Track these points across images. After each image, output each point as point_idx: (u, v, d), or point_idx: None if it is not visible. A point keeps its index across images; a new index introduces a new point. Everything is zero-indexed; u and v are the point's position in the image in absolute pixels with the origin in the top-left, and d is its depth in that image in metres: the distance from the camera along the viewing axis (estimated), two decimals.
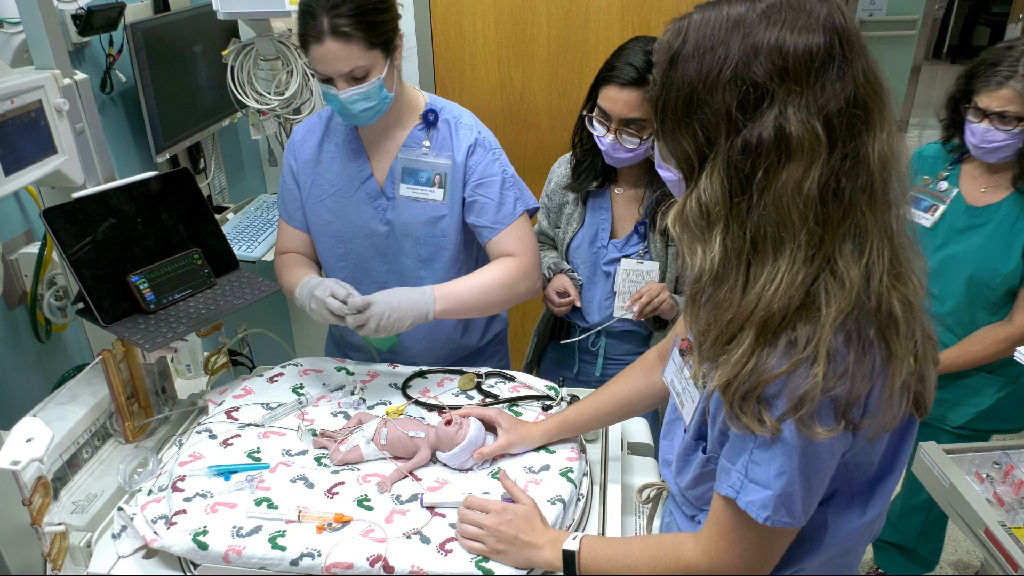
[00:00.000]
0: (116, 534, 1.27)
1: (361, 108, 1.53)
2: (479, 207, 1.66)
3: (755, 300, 0.83)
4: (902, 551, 2.34)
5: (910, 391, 0.89)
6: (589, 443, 1.47)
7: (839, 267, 0.82)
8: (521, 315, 2.98)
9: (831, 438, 0.85)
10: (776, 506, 0.89)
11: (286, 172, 1.75)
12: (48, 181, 1.45)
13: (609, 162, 1.75)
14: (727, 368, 0.86)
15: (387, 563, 1.15)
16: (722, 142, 0.83)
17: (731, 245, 0.84)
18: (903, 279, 0.86)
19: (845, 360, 0.82)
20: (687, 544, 1.02)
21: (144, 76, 2.03)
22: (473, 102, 2.67)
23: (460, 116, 1.70)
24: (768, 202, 0.81)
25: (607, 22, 2.54)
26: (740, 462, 0.92)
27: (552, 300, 1.85)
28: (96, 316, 1.39)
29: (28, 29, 1.42)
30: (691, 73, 0.84)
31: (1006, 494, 1.64)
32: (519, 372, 1.66)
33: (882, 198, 0.83)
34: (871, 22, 6.79)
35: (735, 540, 0.96)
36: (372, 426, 1.41)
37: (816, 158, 0.80)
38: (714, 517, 0.99)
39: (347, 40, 1.44)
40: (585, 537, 1.13)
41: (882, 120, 0.83)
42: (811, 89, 0.80)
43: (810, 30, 0.80)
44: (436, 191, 1.67)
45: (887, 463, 0.98)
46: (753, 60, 0.80)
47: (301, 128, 1.74)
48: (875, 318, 0.84)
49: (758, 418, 0.85)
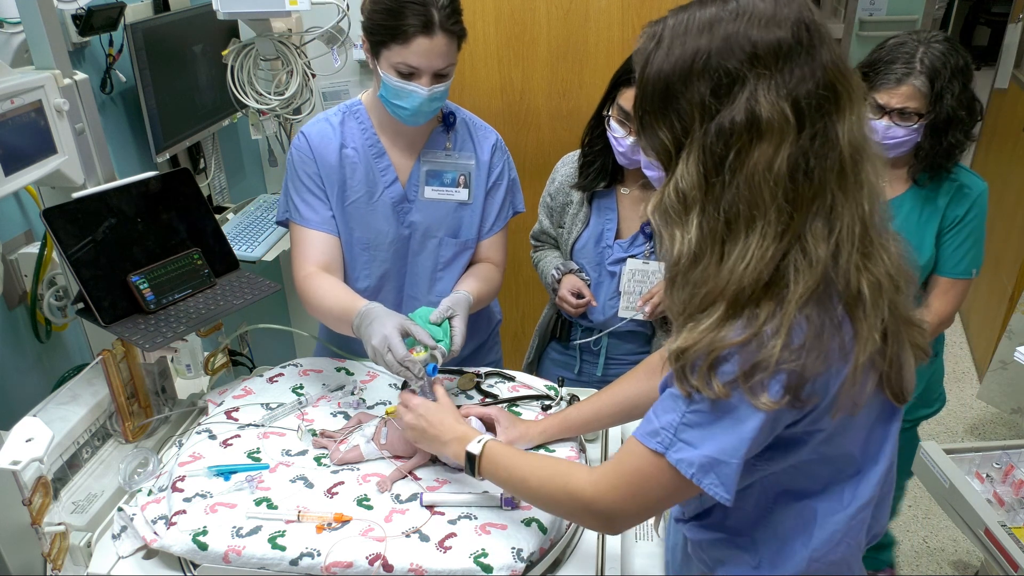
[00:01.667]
0: (116, 534, 1.27)
1: (435, 107, 1.55)
2: (486, 209, 1.70)
3: (728, 275, 0.86)
4: None
5: (880, 374, 0.92)
6: (589, 443, 1.47)
7: (808, 244, 0.85)
8: (521, 315, 2.98)
9: (776, 413, 0.88)
10: (707, 468, 0.91)
11: (304, 178, 1.65)
12: (48, 181, 1.45)
13: (623, 163, 1.76)
14: (690, 334, 0.89)
15: (386, 561, 1.15)
16: (697, 129, 0.87)
17: (707, 226, 0.88)
18: (873, 258, 0.89)
19: (803, 336, 0.85)
20: (580, 473, 1.05)
21: (144, 76, 2.03)
22: (473, 102, 2.67)
23: (473, 117, 1.73)
24: (740, 182, 0.85)
25: (607, 22, 2.54)
26: (668, 419, 0.93)
27: (568, 302, 1.84)
28: (96, 316, 1.39)
29: (28, 29, 1.42)
30: (666, 69, 0.88)
31: (1006, 494, 1.64)
32: (519, 372, 1.66)
33: (853, 178, 0.87)
34: (871, 22, 6.80)
35: (632, 483, 0.98)
36: (372, 426, 1.41)
37: (785, 138, 0.84)
38: (619, 458, 1.01)
39: (451, 37, 1.49)
40: (490, 442, 1.19)
41: (850, 103, 0.87)
42: (780, 73, 0.84)
43: (778, 25, 0.84)
44: (461, 191, 1.69)
45: (872, 453, 1.00)
46: (725, 51, 0.85)
47: (314, 134, 1.65)
48: (842, 295, 0.87)
49: (707, 381, 0.88)
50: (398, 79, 1.50)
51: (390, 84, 1.52)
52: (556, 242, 1.98)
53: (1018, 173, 3.47)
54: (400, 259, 1.73)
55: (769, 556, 1.03)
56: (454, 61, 1.52)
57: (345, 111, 1.68)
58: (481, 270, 1.75)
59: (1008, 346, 2.99)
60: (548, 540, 1.22)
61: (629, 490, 0.99)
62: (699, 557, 1.13)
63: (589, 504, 1.02)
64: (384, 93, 1.55)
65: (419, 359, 1.36)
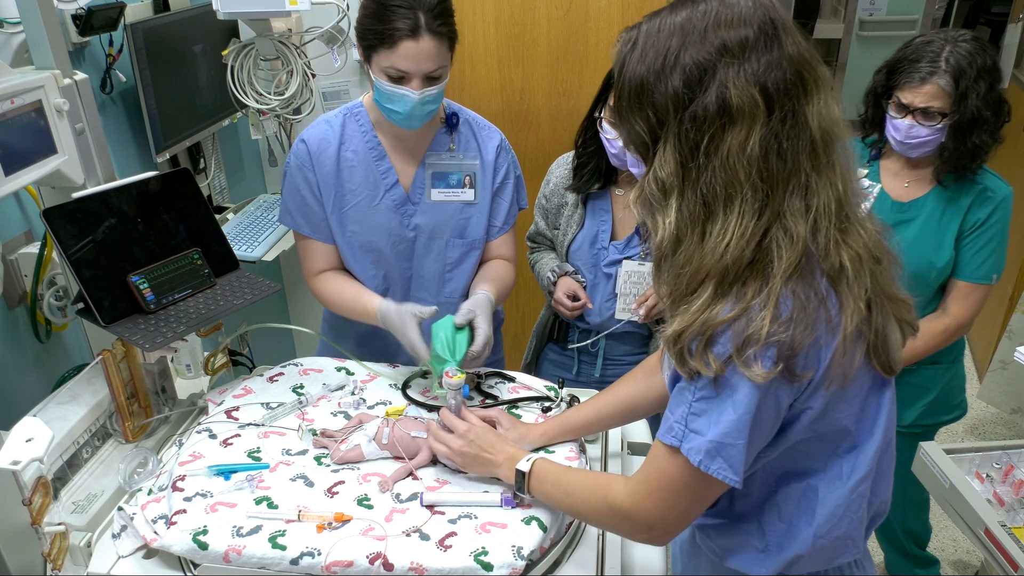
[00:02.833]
0: (116, 534, 1.27)
1: (429, 110, 1.53)
2: (494, 208, 1.70)
3: (711, 253, 0.90)
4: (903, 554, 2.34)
5: (867, 345, 0.96)
6: (589, 443, 1.47)
7: (788, 222, 0.90)
8: (521, 315, 2.98)
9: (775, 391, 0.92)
10: (713, 452, 0.94)
11: (301, 187, 1.66)
12: (48, 181, 1.45)
13: (616, 164, 1.76)
14: (684, 317, 0.93)
15: (386, 560, 1.15)
16: (671, 119, 0.91)
17: (686, 209, 0.92)
18: (850, 234, 0.94)
19: (790, 309, 0.89)
20: (617, 484, 1.08)
21: (144, 76, 2.03)
22: (473, 102, 2.66)
23: (476, 116, 1.73)
24: (716, 164, 0.89)
25: (607, 22, 2.54)
26: (680, 412, 0.97)
27: (564, 305, 1.84)
28: (96, 316, 1.39)
29: (28, 29, 1.42)
30: (641, 69, 0.93)
31: (1006, 494, 1.64)
32: (519, 372, 1.66)
33: (824, 157, 0.91)
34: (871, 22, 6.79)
35: (662, 487, 1.01)
36: (374, 425, 1.41)
37: (756, 121, 0.88)
38: (646, 465, 1.04)
39: (440, 39, 1.48)
40: (538, 460, 1.22)
41: (817, 87, 0.92)
42: (747, 61, 0.89)
43: (745, 24, 0.90)
44: (467, 192, 1.69)
45: (867, 425, 1.02)
46: (695, 47, 0.90)
47: (313, 138, 1.65)
48: (825, 269, 0.92)
49: (704, 360, 0.91)
50: (389, 83, 1.50)
51: (382, 88, 1.52)
52: (552, 244, 1.98)
53: (1018, 173, 3.46)
54: (405, 261, 1.73)
55: (776, 538, 1.05)
56: (445, 63, 1.51)
57: (346, 113, 1.68)
58: (495, 269, 1.75)
59: (1008, 346, 2.99)
60: (548, 539, 1.22)
61: (661, 495, 1.01)
62: (707, 545, 1.15)
63: (629, 515, 1.04)
64: (377, 97, 1.55)
65: (455, 383, 1.37)
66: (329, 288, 1.71)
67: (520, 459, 1.23)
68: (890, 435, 1.05)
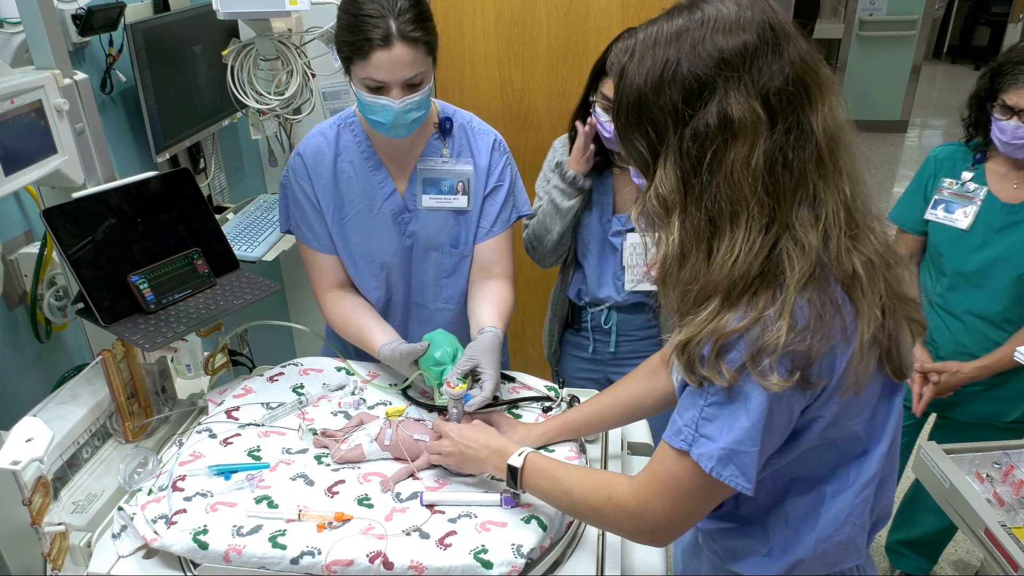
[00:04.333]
0: (116, 534, 1.27)
1: (413, 118, 1.50)
2: (484, 209, 1.68)
3: (718, 270, 0.89)
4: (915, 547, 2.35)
5: (880, 350, 0.95)
6: (589, 443, 1.47)
7: (798, 232, 0.88)
8: (521, 315, 2.98)
9: (788, 398, 0.90)
10: (726, 459, 0.93)
11: (301, 200, 1.65)
12: (48, 181, 1.45)
13: (609, 147, 1.80)
14: (690, 327, 0.92)
15: (386, 559, 1.15)
16: (671, 136, 0.90)
17: (689, 226, 0.91)
18: (861, 239, 0.92)
19: (806, 318, 0.87)
20: (622, 483, 1.06)
21: (144, 76, 2.03)
22: (473, 102, 2.67)
23: (471, 119, 1.70)
24: (720, 181, 0.88)
25: (607, 22, 2.54)
26: (689, 416, 0.95)
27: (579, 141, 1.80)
28: (96, 316, 1.39)
29: (28, 29, 1.42)
30: (638, 82, 0.91)
31: (1006, 494, 1.64)
32: (519, 372, 1.66)
33: (831, 165, 0.90)
34: (871, 22, 6.78)
35: (668, 489, 0.99)
36: (376, 425, 1.41)
37: (759, 135, 0.87)
38: (652, 466, 1.02)
39: (415, 45, 1.43)
40: (531, 455, 1.19)
41: (822, 95, 0.90)
42: (748, 73, 0.87)
43: (743, 29, 0.87)
44: (460, 198, 1.66)
45: (876, 431, 1.01)
46: (693, 59, 0.87)
47: (308, 150, 1.64)
48: (839, 277, 0.90)
49: (717, 370, 0.90)
50: (368, 94, 1.47)
51: (362, 100, 1.49)
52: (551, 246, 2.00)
53: None
54: (405, 268, 1.72)
55: (780, 543, 1.05)
56: (424, 68, 1.47)
57: (340, 123, 1.66)
58: (494, 292, 1.68)
59: None
60: (548, 538, 1.22)
61: (668, 498, 1.00)
62: (710, 548, 1.14)
63: (634, 515, 1.03)
64: (361, 109, 1.53)
65: (457, 392, 1.37)
66: (337, 314, 1.69)
67: (511, 453, 1.21)
68: (896, 440, 1.04)
